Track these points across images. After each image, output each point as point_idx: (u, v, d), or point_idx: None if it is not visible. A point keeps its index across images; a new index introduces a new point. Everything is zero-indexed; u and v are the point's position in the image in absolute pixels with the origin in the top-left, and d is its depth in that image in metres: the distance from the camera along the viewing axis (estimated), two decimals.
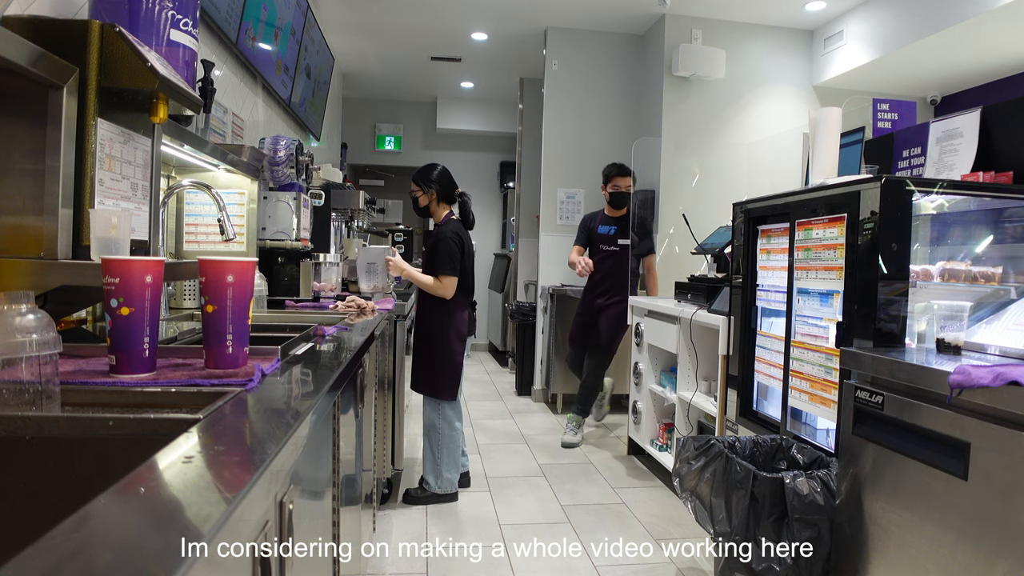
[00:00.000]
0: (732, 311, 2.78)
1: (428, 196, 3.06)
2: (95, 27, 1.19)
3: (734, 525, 1.87)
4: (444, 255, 2.94)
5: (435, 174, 3.07)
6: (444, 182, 3.09)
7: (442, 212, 3.10)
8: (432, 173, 3.07)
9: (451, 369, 3.04)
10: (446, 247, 2.94)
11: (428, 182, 3.06)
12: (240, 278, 1.14)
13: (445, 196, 3.09)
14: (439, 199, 3.08)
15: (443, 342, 3.03)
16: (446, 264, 2.94)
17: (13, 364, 0.86)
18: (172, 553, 0.49)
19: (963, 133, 2.35)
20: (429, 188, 3.05)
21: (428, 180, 3.06)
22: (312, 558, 1.16)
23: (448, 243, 2.95)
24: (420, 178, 3.08)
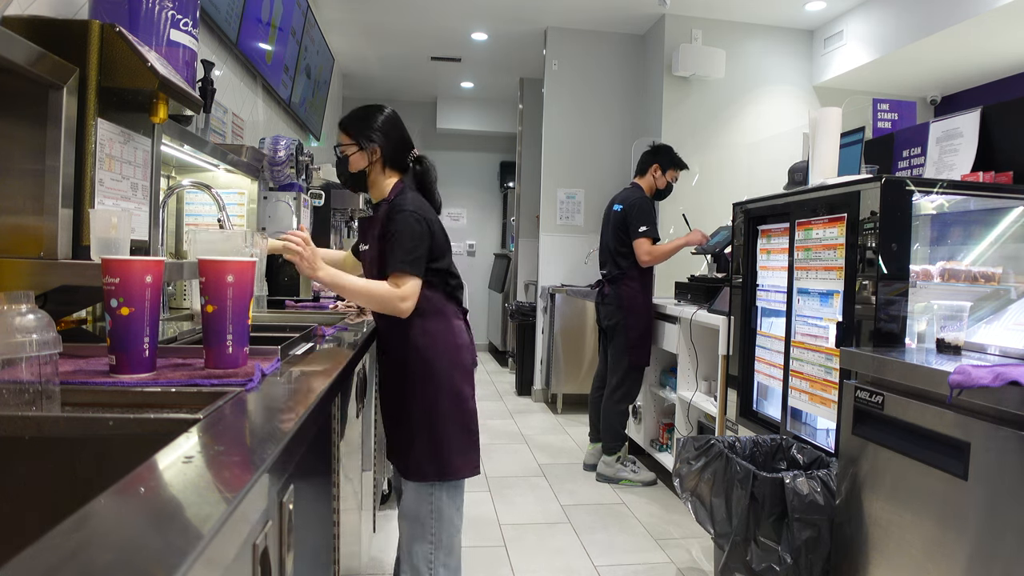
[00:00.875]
0: (732, 311, 2.78)
1: (367, 155, 1.83)
2: (95, 27, 1.19)
3: (734, 525, 1.87)
4: (403, 239, 1.71)
5: (380, 120, 1.84)
6: (394, 135, 1.86)
7: (388, 182, 1.87)
8: (375, 118, 1.84)
9: (459, 427, 1.81)
10: (406, 226, 1.72)
11: (367, 131, 1.82)
12: (240, 278, 1.14)
13: (394, 158, 1.87)
14: (386, 162, 1.85)
15: (436, 383, 1.79)
16: (402, 255, 1.70)
17: (13, 364, 0.86)
18: (172, 553, 0.49)
19: (963, 133, 2.35)
20: (369, 142, 1.82)
21: (368, 128, 1.83)
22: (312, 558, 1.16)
23: (409, 220, 1.73)
24: (354, 125, 1.84)
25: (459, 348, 1.84)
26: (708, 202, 4.52)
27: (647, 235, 3.38)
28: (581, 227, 5.22)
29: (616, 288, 3.48)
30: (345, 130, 1.86)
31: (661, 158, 3.53)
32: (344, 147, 1.85)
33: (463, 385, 1.83)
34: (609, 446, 3.47)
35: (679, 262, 4.30)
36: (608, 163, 5.18)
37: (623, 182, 5.08)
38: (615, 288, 3.49)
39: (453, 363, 1.81)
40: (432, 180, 1.95)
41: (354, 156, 1.84)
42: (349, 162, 1.85)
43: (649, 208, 3.44)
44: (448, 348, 1.81)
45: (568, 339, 5.00)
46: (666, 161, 3.51)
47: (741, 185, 4.38)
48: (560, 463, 3.78)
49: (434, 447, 1.77)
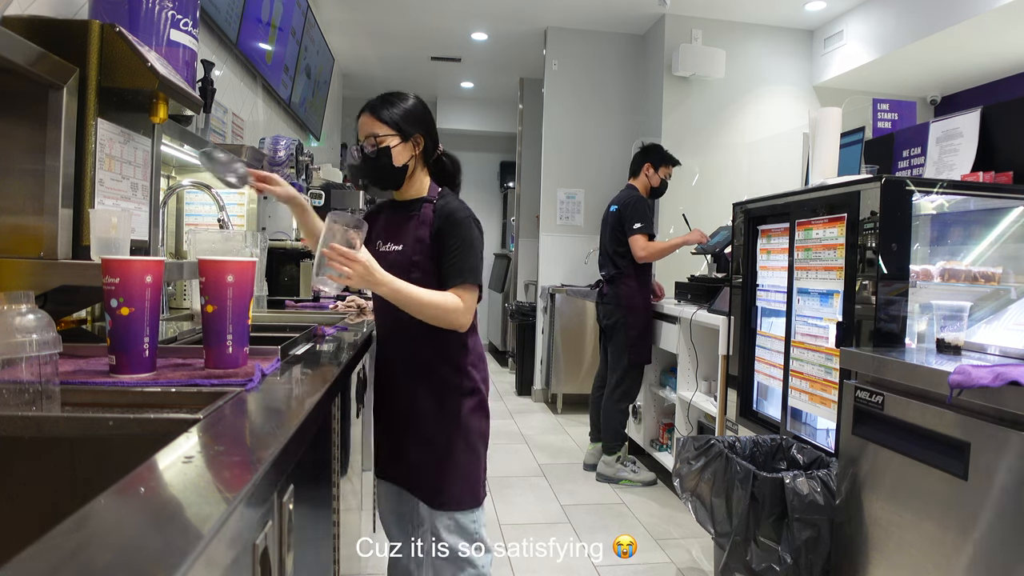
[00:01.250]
0: (732, 311, 2.78)
1: (410, 148, 1.63)
2: (95, 27, 1.19)
3: (734, 525, 1.87)
4: (469, 248, 1.59)
5: (421, 109, 1.68)
6: (432, 127, 1.71)
7: (426, 180, 1.70)
8: (416, 107, 1.66)
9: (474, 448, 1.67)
10: (471, 235, 1.60)
11: (411, 123, 1.63)
12: (240, 278, 1.14)
13: (430, 152, 1.70)
14: (426, 154, 1.68)
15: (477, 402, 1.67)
16: (469, 265, 1.58)
17: (13, 364, 0.86)
18: (172, 553, 0.49)
19: (963, 133, 2.35)
20: (411, 132, 1.63)
21: (410, 116, 1.63)
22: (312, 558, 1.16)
23: (473, 229, 1.61)
24: (394, 113, 1.61)
25: (486, 363, 1.75)
26: (708, 202, 4.52)
27: (642, 231, 3.40)
28: (581, 227, 5.22)
29: (614, 287, 3.50)
30: (383, 118, 1.60)
31: (651, 156, 3.56)
32: (383, 138, 1.59)
33: (479, 397, 1.70)
34: (609, 445, 3.47)
35: (679, 262, 4.30)
36: (608, 163, 5.18)
37: (623, 182, 5.07)
38: (613, 287, 3.50)
39: (485, 379, 1.71)
40: (459, 172, 1.79)
41: (398, 148, 1.60)
42: (392, 155, 1.59)
43: (643, 206, 3.46)
44: (482, 363, 1.71)
45: (568, 339, 5.00)
46: (656, 159, 3.55)
47: (741, 185, 4.38)
48: (560, 463, 3.78)
49: (474, 470, 1.65)
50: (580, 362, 5.01)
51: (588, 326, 4.98)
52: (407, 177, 1.66)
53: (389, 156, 1.60)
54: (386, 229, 1.70)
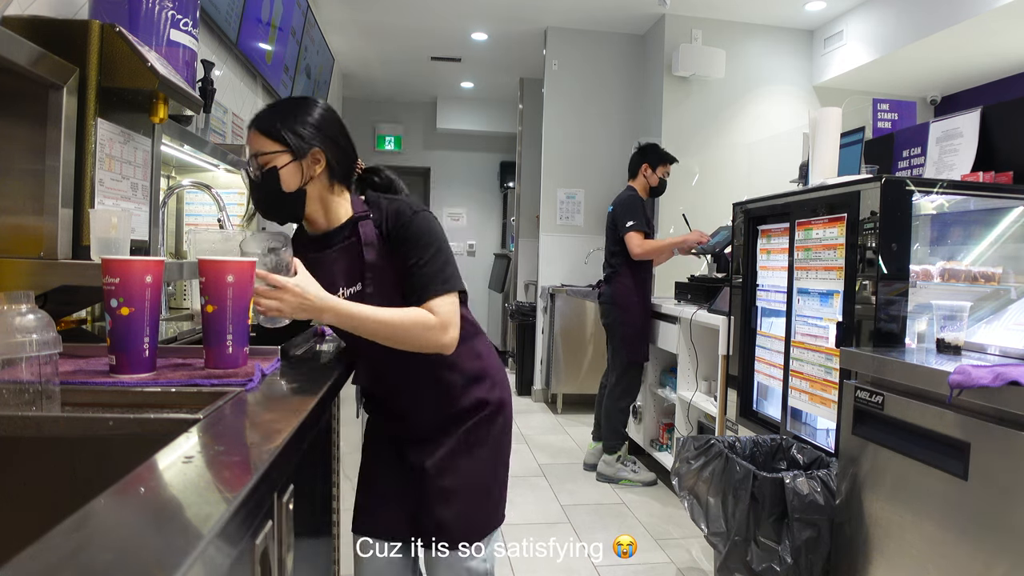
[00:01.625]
0: (732, 311, 2.78)
1: (305, 165, 1.26)
2: (95, 27, 1.19)
3: (734, 525, 1.87)
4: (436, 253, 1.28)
5: (317, 115, 1.28)
6: (338, 136, 1.31)
7: (341, 201, 1.33)
8: (309, 113, 1.28)
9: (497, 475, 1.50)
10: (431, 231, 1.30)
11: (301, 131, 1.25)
12: (240, 278, 1.14)
13: (343, 168, 1.32)
14: (333, 173, 1.30)
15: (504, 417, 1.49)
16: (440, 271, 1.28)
17: (13, 364, 0.86)
18: (172, 553, 0.49)
19: (963, 133, 2.35)
20: (306, 146, 1.25)
21: (301, 125, 1.26)
22: (312, 558, 1.16)
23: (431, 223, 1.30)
24: (281, 123, 1.25)
25: (504, 368, 1.53)
26: (708, 202, 4.51)
27: (635, 228, 3.40)
28: (581, 227, 5.22)
29: (611, 286, 3.54)
30: (268, 132, 1.24)
31: (649, 156, 3.57)
32: (268, 157, 1.24)
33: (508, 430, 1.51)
34: (609, 445, 3.48)
35: (679, 262, 4.29)
36: (608, 163, 5.18)
37: (623, 182, 5.07)
38: (610, 286, 3.55)
39: (507, 386, 1.51)
40: (400, 188, 1.43)
41: (288, 168, 1.24)
42: (279, 177, 1.23)
43: (636, 204, 3.49)
44: (501, 370, 1.50)
45: (568, 339, 5.00)
46: (654, 158, 3.57)
47: (741, 185, 4.38)
48: (560, 463, 3.78)
49: (497, 493, 1.46)
50: (580, 362, 5.01)
51: (588, 326, 4.98)
52: (308, 203, 1.29)
53: (277, 179, 1.24)
54: (330, 272, 1.31)
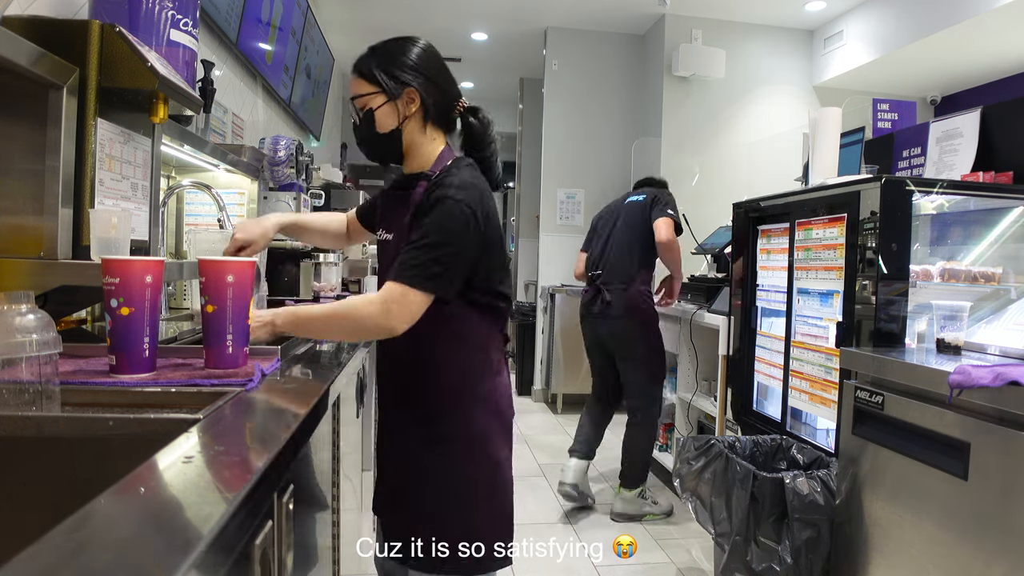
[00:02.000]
0: (732, 311, 2.78)
1: (400, 105, 1.27)
2: (95, 27, 1.19)
3: (734, 525, 1.87)
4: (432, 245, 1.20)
5: (415, 54, 1.28)
6: (437, 76, 1.31)
7: (431, 147, 1.33)
8: (408, 52, 1.28)
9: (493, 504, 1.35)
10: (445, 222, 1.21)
11: (398, 71, 1.26)
12: (240, 278, 1.14)
13: (439, 110, 1.32)
14: (427, 115, 1.30)
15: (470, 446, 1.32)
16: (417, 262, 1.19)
17: (13, 364, 0.86)
18: (172, 553, 0.49)
19: (963, 133, 2.35)
20: (402, 87, 1.26)
21: (398, 67, 1.26)
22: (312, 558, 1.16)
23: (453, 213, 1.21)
24: (379, 65, 1.27)
25: (503, 396, 1.35)
26: (708, 202, 4.51)
27: (673, 218, 2.98)
28: (581, 227, 5.21)
29: (627, 294, 2.98)
30: (364, 74, 1.26)
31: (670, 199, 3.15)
32: (364, 98, 1.26)
33: (502, 448, 1.33)
34: (635, 479, 2.99)
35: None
36: (608, 163, 5.18)
37: (623, 182, 5.09)
38: (626, 294, 2.98)
39: (495, 418, 1.32)
40: (492, 141, 1.35)
41: (381, 109, 1.25)
42: (375, 119, 1.25)
43: (674, 202, 3.11)
44: (490, 396, 1.32)
45: (568, 339, 5.00)
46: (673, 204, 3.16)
47: (741, 185, 4.37)
48: (560, 463, 3.77)
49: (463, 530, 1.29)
50: (580, 362, 4.99)
51: None
52: (405, 145, 1.30)
53: (371, 121, 1.27)
54: (383, 213, 1.41)
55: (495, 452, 1.32)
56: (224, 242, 1.38)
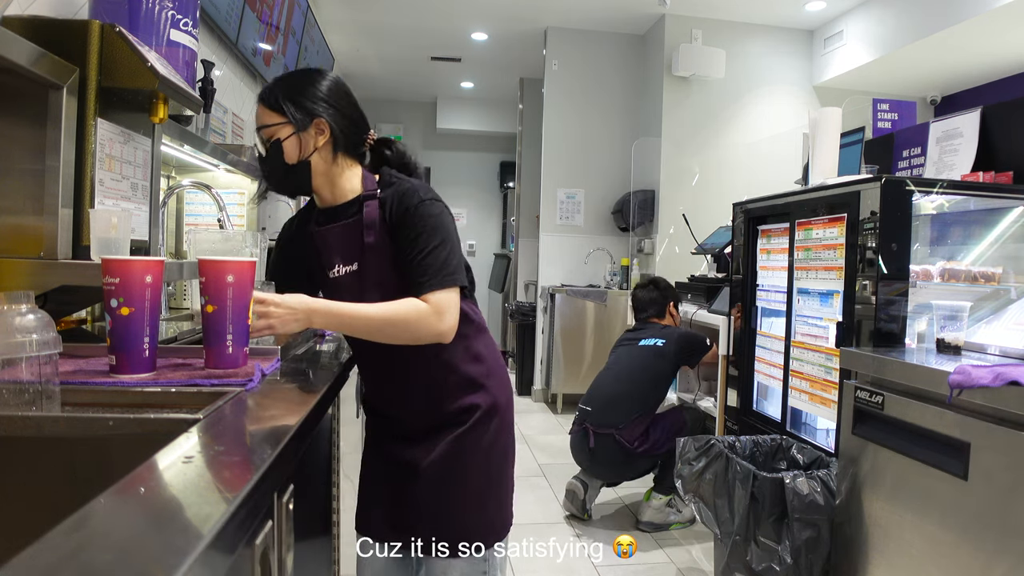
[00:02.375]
0: (732, 311, 2.78)
1: (308, 137, 1.26)
2: (95, 27, 1.19)
3: (734, 525, 1.87)
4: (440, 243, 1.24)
5: (323, 87, 1.28)
6: (345, 107, 1.30)
7: (350, 174, 1.32)
8: (316, 85, 1.28)
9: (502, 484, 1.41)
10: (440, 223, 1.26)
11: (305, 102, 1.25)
12: (240, 278, 1.14)
13: (350, 140, 1.30)
14: (338, 145, 1.28)
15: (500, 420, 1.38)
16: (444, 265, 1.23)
17: (13, 364, 0.86)
18: (172, 553, 0.49)
19: (963, 133, 2.35)
20: (309, 117, 1.25)
21: (305, 97, 1.26)
22: (312, 558, 1.16)
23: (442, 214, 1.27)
24: (285, 95, 1.25)
25: (506, 368, 1.44)
26: (708, 202, 4.51)
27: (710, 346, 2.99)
28: (581, 227, 5.22)
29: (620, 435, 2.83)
30: (270, 105, 1.25)
31: (671, 295, 3.21)
32: (271, 128, 1.24)
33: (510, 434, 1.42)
34: (670, 485, 2.72)
35: (679, 262, 4.30)
36: (608, 163, 5.18)
37: (623, 182, 5.10)
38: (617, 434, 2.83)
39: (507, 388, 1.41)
40: (414, 166, 1.38)
41: (289, 140, 1.24)
42: (282, 149, 1.24)
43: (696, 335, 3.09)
44: (502, 370, 1.41)
45: (568, 339, 4.99)
46: (674, 295, 3.24)
47: (741, 185, 4.38)
48: (560, 463, 3.77)
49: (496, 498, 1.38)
50: (580, 362, 5.00)
51: (588, 326, 4.98)
52: (315, 177, 1.28)
53: (281, 152, 1.24)
54: (328, 247, 1.32)
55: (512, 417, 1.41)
56: (224, 242, 1.38)
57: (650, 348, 2.96)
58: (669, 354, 2.91)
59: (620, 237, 5.21)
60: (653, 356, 2.92)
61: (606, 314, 4.85)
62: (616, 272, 5.06)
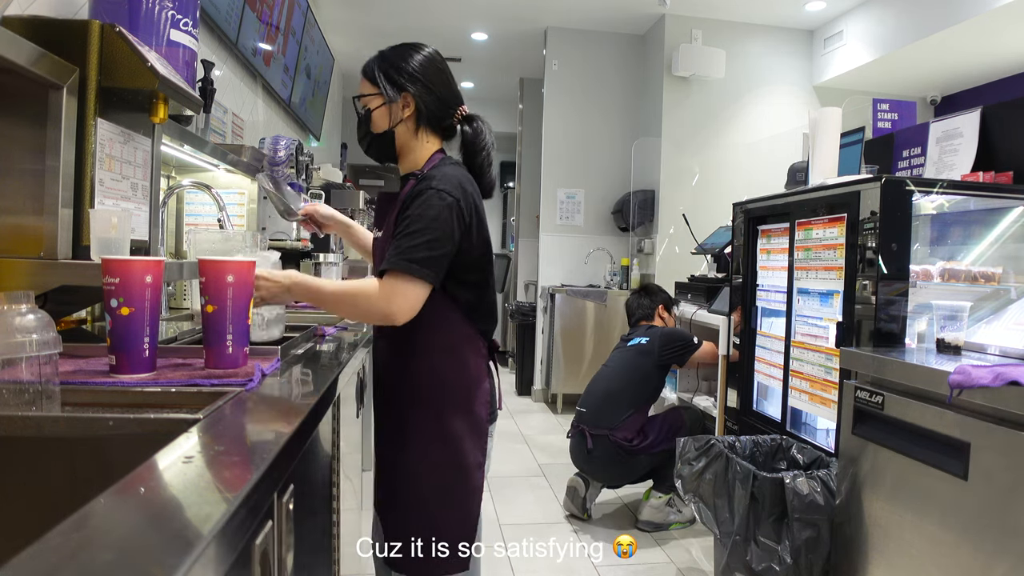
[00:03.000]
0: (732, 311, 2.78)
1: (395, 108, 1.35)
2: (95, 27, 1.19)
3: (734, 525, 1.87)
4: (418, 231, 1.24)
5: (416, 61, 1.35)
6: (436, 82, 1.37)
7: (424, 149, 1.39)
8: (409, 59, 1.35)
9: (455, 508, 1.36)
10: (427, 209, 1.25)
11: (397, 76, 1.34)
12: (240, 278, 1.14)
13: (434, 115, 1.38)
14: (421, 119, 1.36)
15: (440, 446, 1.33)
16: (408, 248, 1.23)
17: (13, 364, 0.86)
18: (172, 553, 0.49)
19: (963, 133, 2.35)
20: (398, 91, 1.34)
21: (398, 71, 1.34)
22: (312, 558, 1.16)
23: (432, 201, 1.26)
24: (380, 69, 1.36)
25: (476, 399, 1.34)
26: (708, 202, 4.51)
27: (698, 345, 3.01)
28: (581, 227, 5.22)
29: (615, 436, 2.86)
30: (368, 76, 1.37)
31: (662, 298, 3.27)
32: (365, 98, 1.37)
33: (473, 451, 1.33)
34: (670, 485, 2.75)
35: (679, 262, 4.30)
36: (608, 163, 5.18)
37: (623, 182, 5.10)
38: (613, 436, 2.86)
39: (466, 419, 1.33)
40: (484, 148, 1.41)
41: (378, 111, 1.35)
42: (372, 118, 1.36)
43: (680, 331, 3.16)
44: (463, 398, 1.34)
45: (568, 339, 5.00)
46: (667, 300, 3.30)
47: (741, 185, 4.38)
48: (560, 463, 3.77)
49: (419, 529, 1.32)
50: (580, 362, 5.00)
51: (588, 326, 4.98)
52: (398, 146, 1.38)
53: (370, 120, 1.38)
54: (377, 214, 1.52)
55: (463, 456, 1.34)
56: (224, 242, 1.40)
57: (636, 347, 3.04)
58: (653, 351, 2.97)
59: (620, 237, 5.21)
60: (638, 354, 2.99)
61: (606, 314, 4.85)
62: (616, 272, 5.06)
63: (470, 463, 1.34)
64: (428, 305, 1.28)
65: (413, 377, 1.35)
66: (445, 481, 1.33)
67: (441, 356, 1.34)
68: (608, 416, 2.87)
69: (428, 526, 1.32)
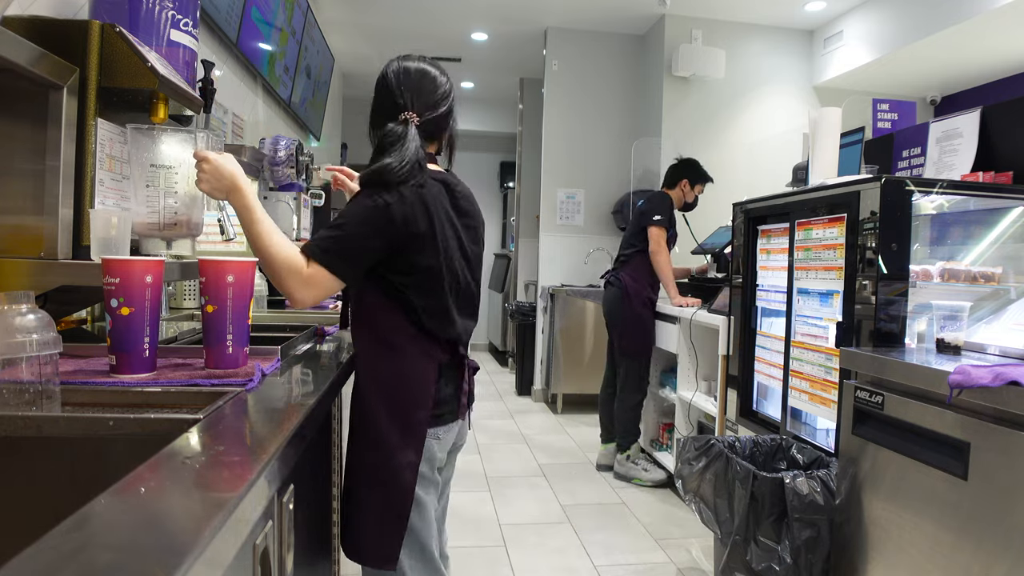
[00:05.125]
0: (732, 311, 2.78)
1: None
2: (95, 27, 1.19)
3: (735, 525, 1.87)
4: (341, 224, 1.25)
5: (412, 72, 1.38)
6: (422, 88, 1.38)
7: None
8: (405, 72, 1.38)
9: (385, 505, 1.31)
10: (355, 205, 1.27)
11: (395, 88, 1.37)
12: (240, 278, 1.14)
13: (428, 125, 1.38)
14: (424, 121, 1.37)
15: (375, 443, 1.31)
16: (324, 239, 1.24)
17: (13, 364, 0.86)
18: (172, 553, 0.49)
19: (963, 133, 2.35)
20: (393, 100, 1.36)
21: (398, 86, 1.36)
22: (312, 558, 1.16)
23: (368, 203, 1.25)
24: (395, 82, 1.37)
25: (411, 400, 1.32)
26: (708, 202, 4.50)
27: (660, 224, 3.43)
28: (581, 227, 5.22)
29: (622, 272, 3.54)
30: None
31: (689, 172, 3.61)
32: None
33: (403, 449, 1.29)
34: (622, 443, 3.50)
35: (679, 262, 4.28)
36: (608, 163, 5.18)
37: (623, 182, 5.10)
38: (617, 273, 3.56)
39: (397, 419, 1.30)
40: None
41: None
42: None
43: (668, 204, 3.52)
44: (400, 397, 1.31)
45: (568, 339, 5.00)
46: (695, 175, 3.62)
47: (741, 185, 4.37)
48: (560, 463, 3.78)
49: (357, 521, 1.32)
50: (580, 362, 5.01)
51: (588, 326, 4.98)
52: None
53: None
54: None
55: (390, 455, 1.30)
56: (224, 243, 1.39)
57: (637, 208, 3.69)
58: (639, 213, 3.58)
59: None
60: (636, 213, 3.64)
61: None
62: None
63: (399, 463, 1.30)
64: (372, 305, 1.31)
65: (358, 375, 1.36)
66: (377, 476, 1.30)
67: (378, 355, 1.33)
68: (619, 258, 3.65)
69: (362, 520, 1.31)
